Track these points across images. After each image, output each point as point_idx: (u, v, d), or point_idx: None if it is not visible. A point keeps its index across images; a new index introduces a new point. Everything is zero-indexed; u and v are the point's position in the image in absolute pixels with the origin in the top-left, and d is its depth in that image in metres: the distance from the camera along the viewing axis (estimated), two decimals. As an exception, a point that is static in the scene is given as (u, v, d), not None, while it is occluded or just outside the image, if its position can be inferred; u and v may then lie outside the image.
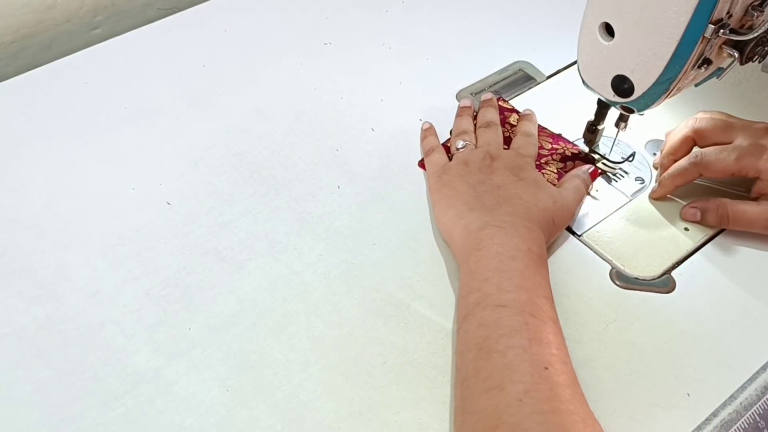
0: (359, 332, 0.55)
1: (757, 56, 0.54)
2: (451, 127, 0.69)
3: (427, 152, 0.66)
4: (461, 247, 0.56)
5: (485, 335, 0.49)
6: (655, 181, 0.65)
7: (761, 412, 0.52)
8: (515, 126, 0.68)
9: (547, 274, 0.54)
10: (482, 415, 0.46)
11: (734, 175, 0.60)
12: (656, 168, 0.66)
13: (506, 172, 0.60)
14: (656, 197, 0.64)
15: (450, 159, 0.65)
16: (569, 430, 0.44)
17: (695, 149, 0.63)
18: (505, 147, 0.65)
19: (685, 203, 0.63)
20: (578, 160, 0.66)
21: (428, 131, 0.68)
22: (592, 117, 0.65)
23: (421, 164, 0.67)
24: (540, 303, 0.51)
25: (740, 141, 0.60)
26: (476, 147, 0.64)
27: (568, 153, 0.66)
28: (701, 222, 0.61)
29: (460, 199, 0.59)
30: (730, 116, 0.63)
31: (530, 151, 0.64)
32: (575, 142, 0.67)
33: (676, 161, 0.63)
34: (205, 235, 0.61)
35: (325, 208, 0.63)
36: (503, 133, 0.67)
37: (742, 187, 0.62)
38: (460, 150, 0.64)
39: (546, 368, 0.47)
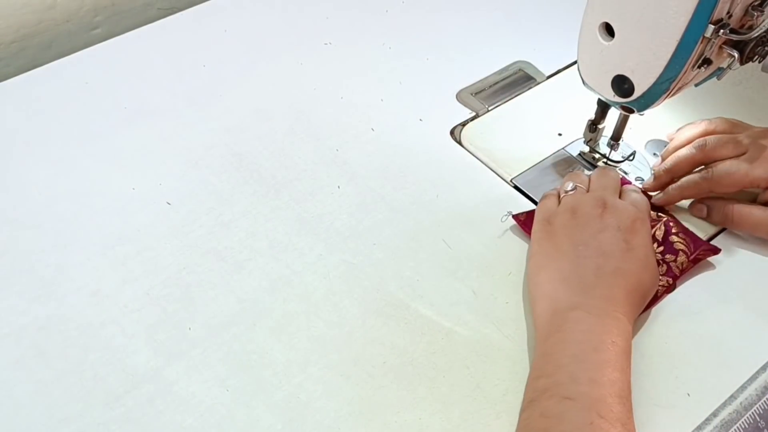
0: (359, 332, 0.55)
1: (757, 56, 0.54)
2: (451, 127, 0.70)
3: (542, 199, 0.61)
4: (543, 323, 0.52)
5: (545, 428, 0.46)
6: (653, 174, 0.64)
7: (761, 412, 0.52)
8: None
9: (628, 371, 0.49)
10: None
11: (745, 188, 0.59)
12: (654, 171, 0.64)
13: (617, 233, 0.54)
14: (659, 204, 0.62)
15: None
16: None
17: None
18: None
19: (686, 203, 0.63)
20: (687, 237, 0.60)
21: (553, 189, 0.63)
22: (592, 117, 0.64)
23: (517, 219, 0.62)
24: (612, 402, 0.46)
25: (750, 152, 0.59)
26: (588, 191, 0.59)
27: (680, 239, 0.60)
28: (707, 219, 0.61)
29: (557, 261, 0.54)
30: (735, 125, 0.62)
31: (645, 205, 0.59)
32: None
33: (673, 179, 0.62)
34: (205, 235, 0.61)
35: (325, 208, 0.63)
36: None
37: (747, 193, 0.61)
38: (570, 193, 0.59)
39: None
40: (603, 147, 0.67)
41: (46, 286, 0.57)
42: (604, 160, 0.66)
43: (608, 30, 0.55)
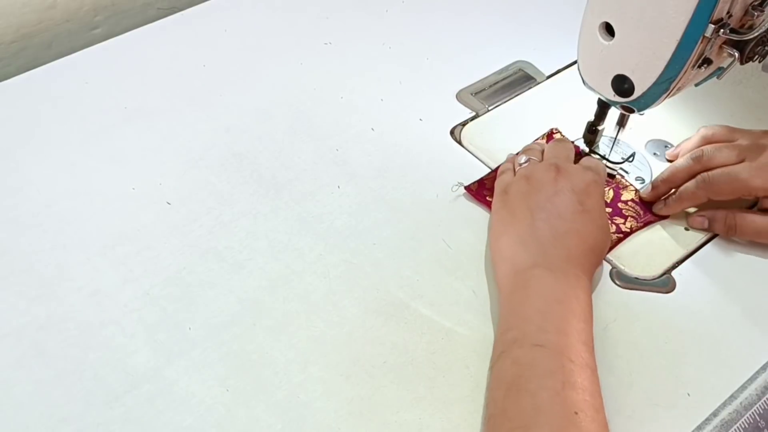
0: (359, 332, 0.55)
1: (757, 56, 0.54)
2: (451, 127, 0.70)
3: (499, 173, 0.63)
4: (506, 283, 0.54)
5: (518, 374, 0.47)
6: (650, 181, 0.64)
7: (761, 412, 0.52)
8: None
9: (590, 323, 0.51)
10: None
11: (744, 197, 0.59)
12: (658, 175, 0.64)
13: (571, 195, 0.56)
14: (661, 215, 0.62)
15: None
16: None
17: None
18: None
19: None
20: (637, 205, 0.63)
21: (508, 160, 0.65)
22: (592, 117, 0.64)
23: (470, 190, 0.64)
24: (579, 348, 0.49)
25: (749, 162, 0.58)
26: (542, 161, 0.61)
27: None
28: (709, 230, 0.61)
29: (515, 227, 0.56)
30: (734, 131, 0.62)
31: (600, 168, 0.61)
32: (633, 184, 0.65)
33: (671, 190, 0.62)
34: (205, 235, 0.61)
35: (325, 208, 0.63)
36: None
37: (745, 199, 0.62)
38: (523, 165, 0.61)
39: (576, 413, 0.45)
40: (603, 147, 0.66)
41: (46, 286, 0.57)
42: (604, 161, 0.66)
43: (608, 30, 0.55)
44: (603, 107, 0.63)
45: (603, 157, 0.66)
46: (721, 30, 0.50)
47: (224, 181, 0.65)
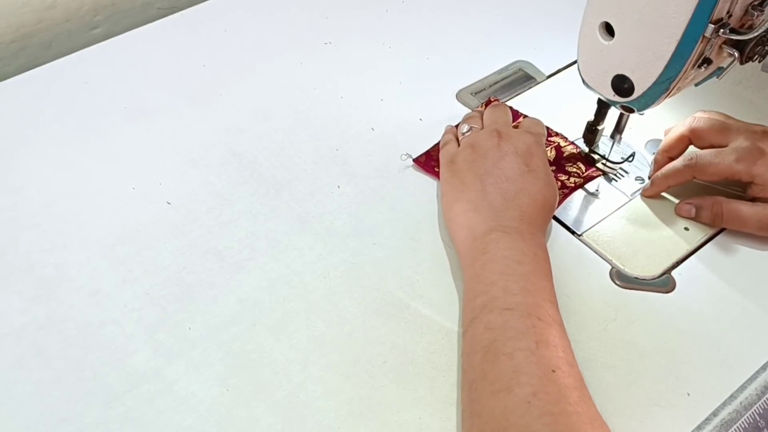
0: (359, 332, 0.55)
1: (757, 56, 0.54)
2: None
3: (442, 145, 0.66)
4: (466, 250, 0.56)
5: (492, 338, 0.49)
6: (648, 178, 0.65)
7: (761, 411, 0.52)
8: None
9: (551, 279, 0.54)
10: (490, 417, 0.46)
11: (728, 179, 0.60)
12: (653, 164, 0.65)
13: (515, 158, 0.58)
14: (648, 195, 0.64)
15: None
16: (578, 431, 0.44)
17: (690, 150, 0.63)
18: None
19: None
20: (579, 162, 0.66)
21: (448, 131, 0.68)
22: (592, 117, 0.64)
23: (418, 162, 0.66)
24: (546, 306, 0.51)
25: (736, 144, 0.59)
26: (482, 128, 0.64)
27: (566, 151, 0.66)
28: (695, 219, 0.62)
29: (466, 193, 0.58)
30: (729, 117, 0.62)
31: (539, 129, 0.63)
32: (575, 142, 0.67)
33: (671, 159, 0.63)
34: (205, 234, 0.61)
35: (325, 208, 0.63)
36: None
37: (738, 187, 0.62)
38: (466, 134, 0.63)
39: (553, 371, 0.46)
40: (602, 147, 0.66)
41: (46, 286, 0.57)
42: (604, 160, 0.66)
43: (608, 30, 0.55)
44: (603, 107, 0.63)
45: (603, 157, 0.66)
46: (721, 30, 0.50)
47: (224, 181, 0.65)
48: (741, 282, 0.58)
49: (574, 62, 0.61)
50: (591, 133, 0.65)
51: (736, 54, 0.53)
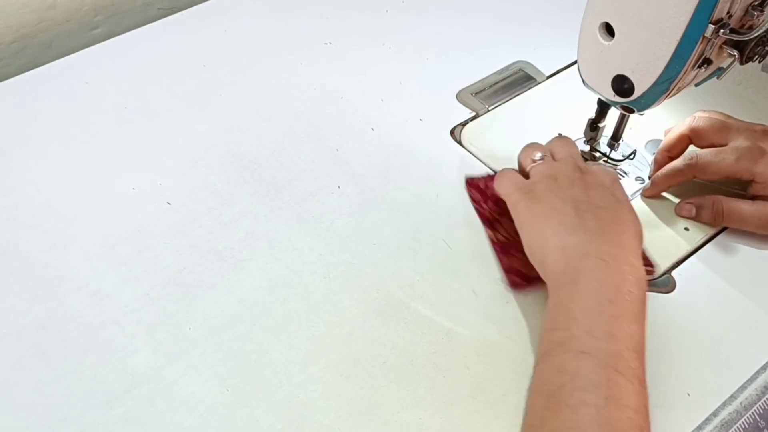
0: (359, 332, 0.55)
1: (757, 56, 0.54)
2: (451, 127, 0.70)
3: (501, 174, 0.59)
4: (555, 275, 0.51)
5: (560, 384, 0.45)
6: (648, 178, 0.65)
7: (761, 412, 0.52)
8: None
9: (643, 323, 0.49)
10: None
11: (729, 178, 0.60)
12: (652, 164, 0.65)
13: (603, 189, 0.54)
14: (648, 195, 0.64)
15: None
16: None
17: (691, 149, 0.63)
18: None
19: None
20: None
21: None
22: (592, 117, 0.64)
23: (471, 183, 0.63)
24: (628, 357, 0.46)
25: (737, 143, 0.59)
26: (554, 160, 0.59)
27: None
28: (696, 218, 0.62)
29: (558, 217, 0.53)
30: (729, 117, 0.62)
31: (611, 170, 0.60)
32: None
33: (671, 159, 0.63)
34: (205, 235, 0.61)
35: (325, 208, 0.63)
36: None
37: (738, 186, 0.62)
38: (538, 162, 0.58)
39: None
40: (603, 146, 0.67)
41: (46, 286, 0.57)
42: (605, 159, 0.66)
43: (608, 30, 0.55)
44: (603, 107, 0.63)
45: (604, 155, 0.66)
46: (721, 30, 0.50)
47: (224, 181, 0.65)
48: (741, 282, 0.58)
49: (574, 62, 0.61)
50: (592, 130, 0.65)
51: (736, 54, 0.53)
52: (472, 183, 0.64)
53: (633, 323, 0.48)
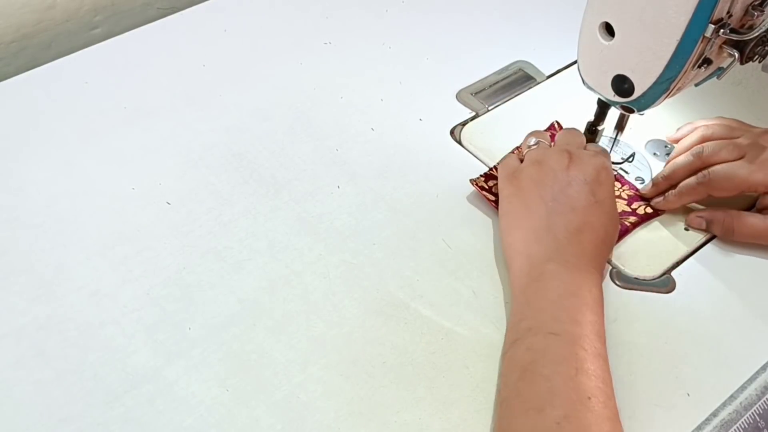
0: (359, 332, 0.55)
1: (757, 56, 0.54)
2: (451, 127, 0.70)
3: (502, 159, 0.63)
4: (520, 276, 0.55)
5: (533, 359, 0.48)
6: (650, 179, 0.64)
7: (761, 412, 0.52)
8: None
9: (602, 316, 0.52)
10: None
11: (744, 193, 0.59)
12: (660, 171, 0.64)
13: (583, 186, 0.56)
14: (659, 208, 0.62)
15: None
16: None
17: (698, 147, 0.62)
18: None
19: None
20: (634, 199, 0.64)
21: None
22: (592, 117, 0.64)
23: (474, 183, 0.63)
24: (592, 339, 0.49)
25: (748, 157, 0.58)
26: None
27: (623, 195, 0.64)
28: (707, 231, 0.61)
29: (529, 221, 0.56)
30: (734, 129, 0.61)
31: (606, 154, 0.61)
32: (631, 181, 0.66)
33: (672, 187, 0.62)
34: (205, 235, 0.61)
35: (325, 208, 0.63)
36: None
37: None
38: (532, 147, 0.61)
39: (589, 398, 0.46)
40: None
41: (46, 286, 0.57)
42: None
43: (608, 30, 0.55)
44: (603, 107, 0.63)
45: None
46: (721, 30, 0.50)
47: (224, 181, 0.65)
48: (741, 282, 0.58)
49: (574, 62, 0.61)
50: (591, 133, 0.65)
51: (736, 54, 0.53)
52: (476, 183, 0.64)
53: (594, 314, 0.51)
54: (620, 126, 0.64)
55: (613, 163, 0.66)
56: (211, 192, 0.64)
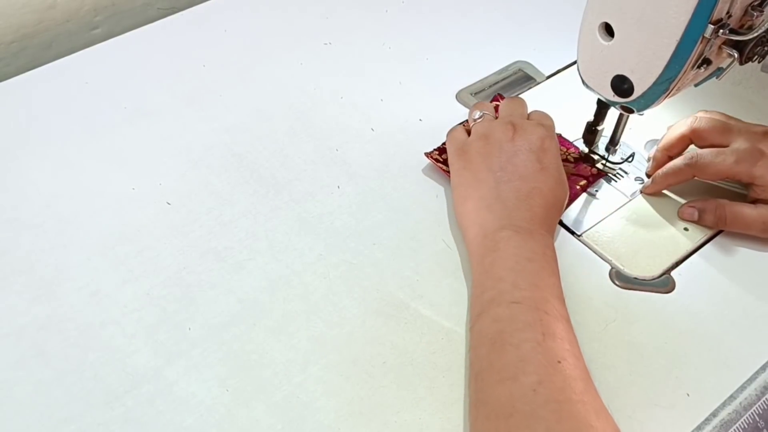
0: (359, 332, 0.55)
1: (756, 56, 0.54)
2: (450, 127, 0.70)
3: (449, 132, 0.65)
4: (476, 247, 0.56)
5: (500, 330, 0.50)
6: (646, 174, 0.65)
7: (761, 412, 0.52)
8: None
9: (558, 278, 0.54)
10: (496, 405, 0.46)
11: (728, 179, 0.60)
12: (649, 160, 0.65)
13: (529, 155, 0.58)
14: (648, 193, 0.64)
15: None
16: (583, 419, 0.44)
17: (691, 149, 0.63)
18: None
19: (684, 201, 0.63)
20: (580, 163, 0.66)
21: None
22: (591, 117, 0.64)
23: (429, 156, 0.66)
24: (553, 302, 0.51)
25: (737, 145, 0.59)
26: (497, 119, 0.63)
27: (570, 158, 0.66)
28: (699, 222, 0.62)
29: (479, 190, 0.58)
30: (730, 118, 0.62)
31: (550, 122, 0.63)
32: (575, 143, 0.67)
33: (670, 158, 0.63)
34: (205, 235, 0.61)
35: (325, 208, 0.63)
36: None
37: (739, 185, 0.62)
38: (478, 121, 0.63)
39: (559, 362, 0.47)
40: (602, 148, 0.66)
41: (46, 286, 0.57)
42: (603, 161, 0.66)
43: (608, 30, 0.55)
44: (602, 107, 0.63)
45: (602, 158, 0.66)
46: (721, 30, 0.50)
47: (224, 181, 0.65)
48: (741, 282, 0.58)
49: (574, 62, 0.61)
50: (590, 133, 0.65)
51: (736, 54, 0.53)
52: (431, 156, 0.66)
53: (552, 276, 0.53)
54: (619, 126, 0.64)
55: (613, 163, 0.66)
56: (211, 192, 0.64)
